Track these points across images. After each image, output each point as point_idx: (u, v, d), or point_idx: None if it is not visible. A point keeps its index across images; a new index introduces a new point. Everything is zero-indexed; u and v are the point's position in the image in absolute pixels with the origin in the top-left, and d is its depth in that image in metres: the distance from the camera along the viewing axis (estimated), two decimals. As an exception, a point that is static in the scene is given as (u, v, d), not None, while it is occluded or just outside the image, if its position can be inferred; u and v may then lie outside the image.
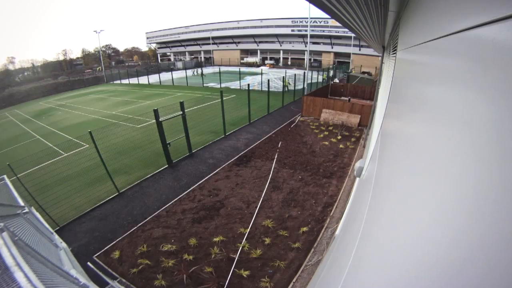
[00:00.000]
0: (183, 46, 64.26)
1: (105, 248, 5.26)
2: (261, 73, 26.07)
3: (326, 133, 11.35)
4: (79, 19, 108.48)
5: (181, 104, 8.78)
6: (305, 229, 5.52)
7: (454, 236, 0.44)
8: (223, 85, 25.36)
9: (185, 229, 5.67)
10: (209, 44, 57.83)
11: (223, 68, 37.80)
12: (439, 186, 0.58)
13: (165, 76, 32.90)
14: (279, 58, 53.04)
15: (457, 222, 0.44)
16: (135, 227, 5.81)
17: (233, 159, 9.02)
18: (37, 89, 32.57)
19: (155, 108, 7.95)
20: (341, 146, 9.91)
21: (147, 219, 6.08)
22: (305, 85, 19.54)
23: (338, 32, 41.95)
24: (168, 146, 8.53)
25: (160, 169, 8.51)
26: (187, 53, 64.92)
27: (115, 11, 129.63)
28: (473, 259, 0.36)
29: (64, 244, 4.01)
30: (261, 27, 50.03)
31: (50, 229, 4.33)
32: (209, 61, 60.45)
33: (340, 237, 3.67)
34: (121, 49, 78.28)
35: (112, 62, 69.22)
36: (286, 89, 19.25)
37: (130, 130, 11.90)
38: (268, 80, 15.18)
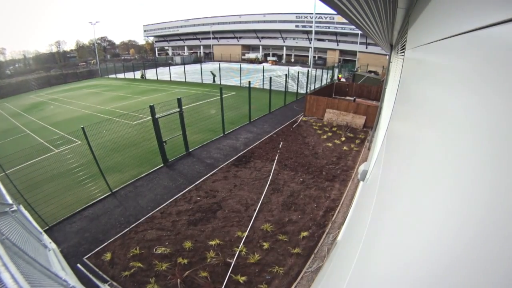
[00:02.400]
0: (182, 40, 64.30)
1: (96, 250, 5.26)
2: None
3: (329, 134, 11.35)
4: (73, 10, 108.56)
5: (179, 100, 8.77)
6: (305, 234, 5.52)
7: (463, 243, 0.44)
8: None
9: (180, 232, 5.67)
10: (209, 38, 57.88)
11: (223, 64, 37.80)
12: (447, 191, 0.58)
13: (163, 71, 32.93)
14: (282, 54, 53.06)
15: (467, 229, 0.44)
16: (128, 228, 5.81)
17: (231, 159, 9.02)
18: (28, 82, 32.53)
19: (151, 104, 7.95)
20: (345, 148, 9.91)
21: (141, 220, 6.08)
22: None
23: (344, 29, 42.03)
24: (164, 144, 8.53)
25: (155, 168, 8.51)
26: (186, 47, 64.94)
27: (112, 2, 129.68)
28: (482, 268, 0.36)
29: (53, 245, 4.01)
30: (264, 22, 50.07)
31: (39, 228, 4.34)
32: (208, 56, 60.47)
33: (342, 243, 3.67)
34: (117, 42, 78.47)
35: (107, 55, 69.24)
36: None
37: (125, 126, 11.89)
38: (270, 78, 15.18)
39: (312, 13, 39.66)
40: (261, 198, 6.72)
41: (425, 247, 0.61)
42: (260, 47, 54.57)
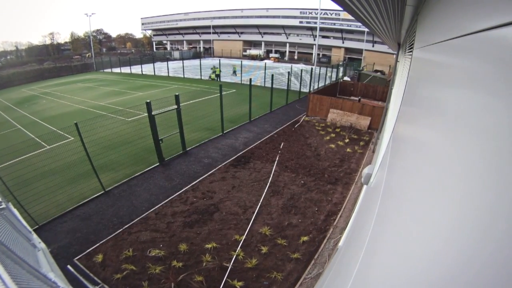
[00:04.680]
0: (181, 34, 64.31)
1: (87, 251, 5.26)
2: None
3: (332, 135, 11.36)
4: (68, 0, 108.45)
5: (176, 97, 8.78)
6: (305, 238, 5.52)
7: (471, 251, 0.44)
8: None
9: (175, 234, 5.67)
10: (209, 33, 57.86)
11: (223, 60, 37.82)
12: (455, 197, 0.58)
13: (161, 66, 32.96)
14: (285, 51, 53.05)
15: (474, 236, 0.44)
16: (121, 229, 5.81)
17: (230, 160, 9.02)
18: (20, 74, 32.52)
19: (148, 101, 7.95)
20: (348, 150, 9.91)
21: (134, 221, 6.08)
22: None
23: (350, 26, 42.01)
24: (160, 142, 8.53)
25: (150, 167, 8.51)
26: (185, 42, 64.96)
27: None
28: (489, 275, 0.36)
29: (42, 245, 4.00)
30: (267, 17, 50.05)
31: (28, 227, 4.33)
32: (208, 52, 60.47)
33: (343, 249, 3.67)
34: (114, 35, 78.62)
35: (103, 49, 69.23)
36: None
37: (120, 123, 11.90)
38: (272, 75, 15.17)
39: (317, 9, 39.68)
40: (260, 201, 6.73)
41: (431, 254, 0.61)
42: (262, 43, 54.54)
